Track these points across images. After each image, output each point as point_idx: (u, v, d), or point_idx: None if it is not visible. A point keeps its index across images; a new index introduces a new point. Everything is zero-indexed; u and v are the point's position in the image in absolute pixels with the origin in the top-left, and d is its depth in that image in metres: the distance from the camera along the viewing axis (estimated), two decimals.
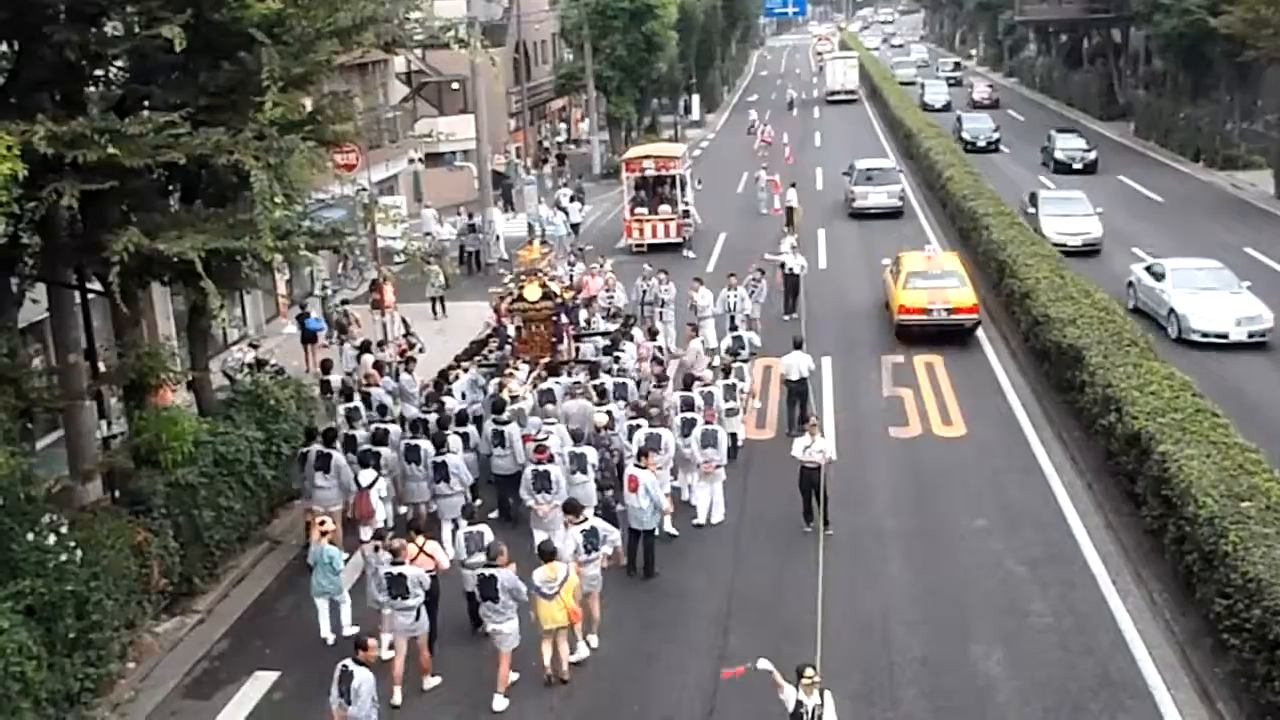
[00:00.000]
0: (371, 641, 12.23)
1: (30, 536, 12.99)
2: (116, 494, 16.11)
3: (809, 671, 10.83)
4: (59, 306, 16.21)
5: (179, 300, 22.26)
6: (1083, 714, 12.89)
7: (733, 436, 19.61)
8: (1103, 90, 67.77)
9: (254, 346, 22.09)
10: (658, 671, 14.04)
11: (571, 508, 14.79)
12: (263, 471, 17.59)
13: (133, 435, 16.30)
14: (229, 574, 16.81)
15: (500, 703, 13.45)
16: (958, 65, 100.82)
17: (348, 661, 11.85)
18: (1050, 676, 13.56)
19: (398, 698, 13.56)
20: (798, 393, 21.02)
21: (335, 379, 21.15)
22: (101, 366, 17.08)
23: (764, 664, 11.11)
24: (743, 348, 22.29)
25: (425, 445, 17.31)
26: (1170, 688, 13.25)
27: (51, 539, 13.16)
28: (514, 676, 13.67)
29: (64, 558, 13.06)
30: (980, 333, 26.69)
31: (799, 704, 10.81)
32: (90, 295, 16.38)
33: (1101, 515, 17.52)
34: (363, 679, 11.70)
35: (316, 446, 17.27)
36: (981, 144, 55.83)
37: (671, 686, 13.68)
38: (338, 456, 17.18)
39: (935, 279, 26.50)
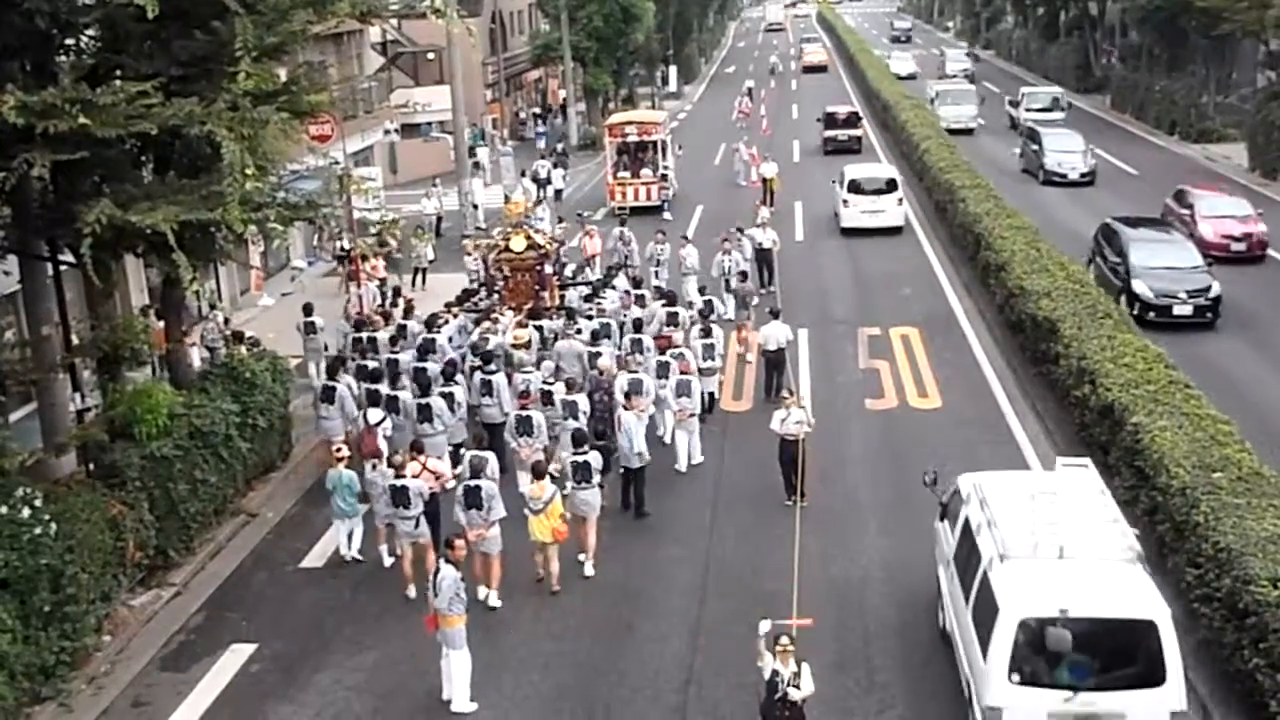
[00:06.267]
0: (459, 542, 13.17)
1: (4, 510, 12.90)
2: (91, 467, 16.01)
3: (783, 640, 10.90)
4: (31, 278, 16.06)
5: (152, 273, 22.14)
6: None
7: (711, 396, 20.31)
8: (1079, 63, 67.85)
9: (212, 307, 22.05)
10: (636, 642, 14.12)
11: (576, 439, 15.85)
12: (238, 444, 17.54)
13: (107, 408, 16.21)
14: (205, 547, 16.75)
15: (494, 599, 14.92)
16: (1057, 101, 53.50)
17: (440, 561, 13.01)
18: None
19: (412, 592, 15.09)
20: (775, 363, 21.15)
21: (318, 319, 22.49)
22: (75, 339, 16.95)
23: (765, 626, 11.15)
24: (712, 310, 22.44)
25: (405, 396, 18.25)
26: None
27: (26, 512, 13.07)
28: (495, 601, 14.94)
29: (38, 531, 12.98)
30: (956, 305, 27.27)
31: (775, 673, 10.88)
32: (63, 267, 16.22)
33: None
34: (446, 574, 12.70)
35: (323, 380, 18.90)
36: (1192, 312, 24.69)
37: (650, 657, 13.75)
38: (341, 388, 18.46)
39: (814, 54, 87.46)
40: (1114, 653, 11.04)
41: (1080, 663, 10.90)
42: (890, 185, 34.78)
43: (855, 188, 34.65)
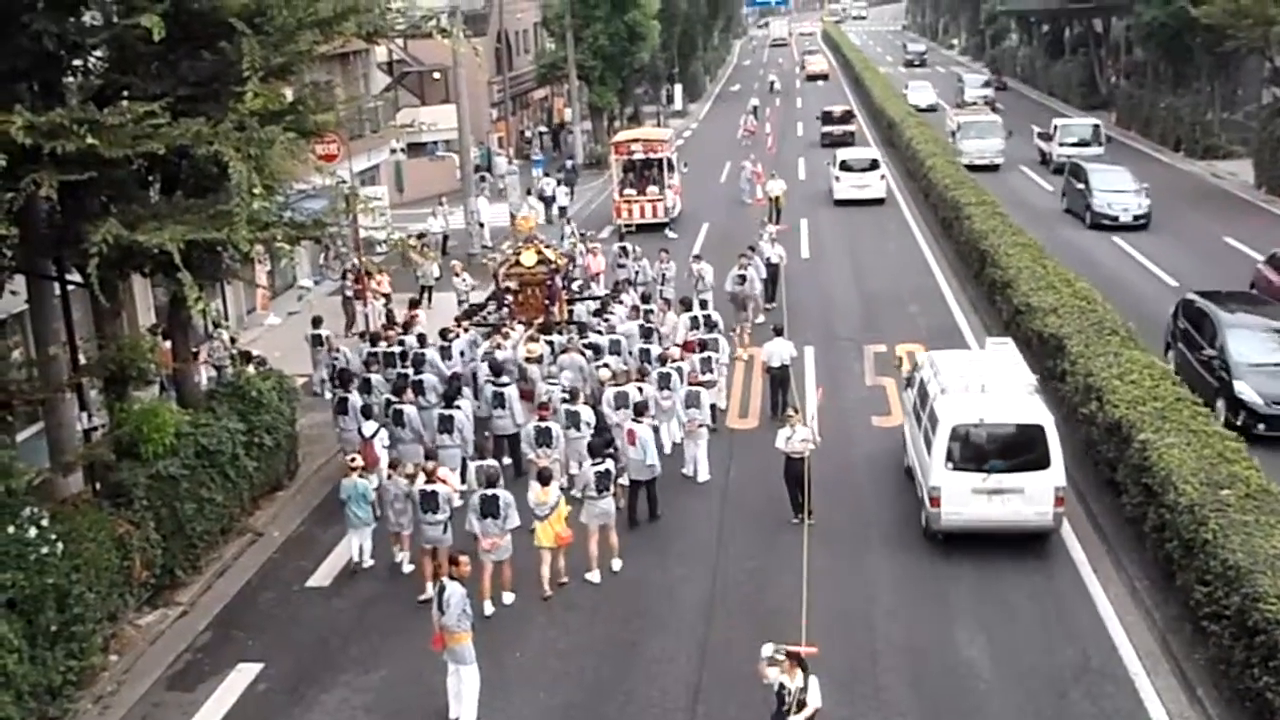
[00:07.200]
0: (463, 558, 13.27)
1: (11, 529, 12.90)
2: (98, 486, 16.02)
3: (780, 653, 10.86)
4: (38, 298, 16.10)
5: (159, 292, 22.19)
6: (1064, 701, 12.97)
7: (713, 408, 20.47)
8: (1084, 80, 67.93)
9: (216, 325, 22.13)
10: (643, 660, 14.08)
11: (593, 449, 16.32)
12: (245, 463, 17.55)
13: (114, 427, 16.22)
14: (211, 566, 16.75)
15: (508, 598, 15.26)
16: (1096, 133, 47.62)
17: (444, 579, 12.94)
18: (1032, 663, 13.64)
19: (429, 590, 14.88)
20: (779, 380, 21.18)
21: (325, 332, 23.21)
22: (82, 358, 16.98)
23: (767, 649, 11.11)
24: (715, 325, 22.67)
25: (409, 410, 18.55)
26: (1150, 674, 13.35)
27: (32, 532, 13.07)
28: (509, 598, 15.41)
29: (45, 550, 12.98)
30: (962, 322, 27.22)
31: (781, 686, 10.85)
32: (70, 287, 16.27)
33: (1082, 503, 17.60)
34: (453, 591, 12.74)
35: (339, 391, 19.48)
36: None
37: (657, 675, 13.71)
38: (353, 398, 18.99)
39: (816, 64, 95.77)
40: (1015, 447, 15.98)
41: (993, 455, 15.92)
42: (874, 164, 43.12)
43: (845, 166, 42.80)
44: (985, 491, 15.77)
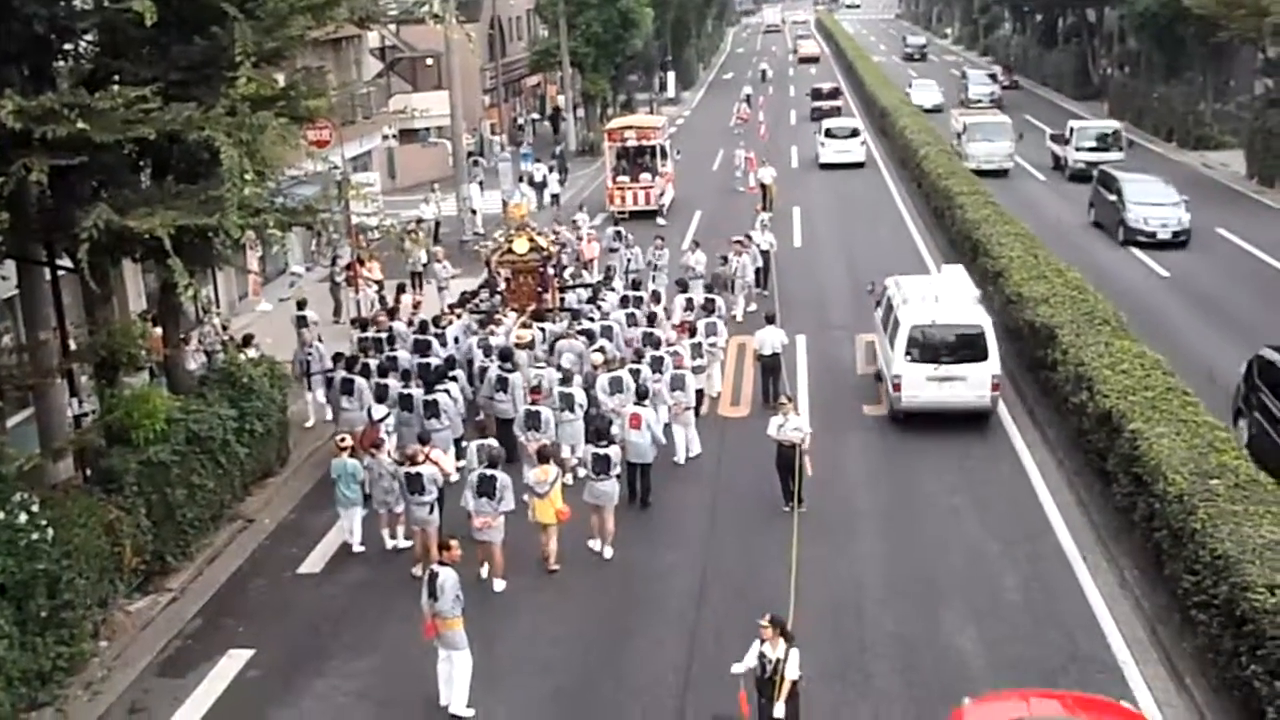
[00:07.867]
0: (454, 543, 13.34)
1: (1, 515, 12.89)
2: (88, 472, 16.00)
3: (762, 621, 10.91)
4: (29, 283, 16.06)
5: (150, 278, 22.15)
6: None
7: (700, 393, 20.69)
8: (1077, 70, 67.85)
9: (205, 311, 22.11)
10: (634, 646, 14.12)
11: (599, 433, 16.50)
12: (236, 449, 17.52)
13: (104, 413, 16.19)
14: (202, 552, 16.73)
15: (499, 585, 15.35)
16: (1117, 138, 44.36)
17: (434, 566, 13.01)
18: (1021, 652, 13.69)
19: (419, 570, 15.10)
20: (770, 368, 21.22)
21: (310, 314, 23.43)
22: (72, 344, 16.95)
23: (737, 669, 11.19)
24: (715, 310, 22.80)
25: (417, 394, 18.71)
26: (1139, 663, 13.40)
27: (23, 517, 13.06)
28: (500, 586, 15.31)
29: (35, 536, 12.97)
30: None
31: (761, 655, 10.88)
32: (61, 272, 16.22)
33: (1072, 493, 17.66)
34: (446, 576, 12.78)
35: (342, 371, 19.56)
36: None
37: (648, 661, 13.75)
38: (360, 381, 19.30)
39: (808, 47, 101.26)
40: (960, 344, 19.80)
41: (943, 350, 19.72)
42: (854, 133, 49.19)
43: (830, 134, 48.76)
44: (936, 379, 19.56)
